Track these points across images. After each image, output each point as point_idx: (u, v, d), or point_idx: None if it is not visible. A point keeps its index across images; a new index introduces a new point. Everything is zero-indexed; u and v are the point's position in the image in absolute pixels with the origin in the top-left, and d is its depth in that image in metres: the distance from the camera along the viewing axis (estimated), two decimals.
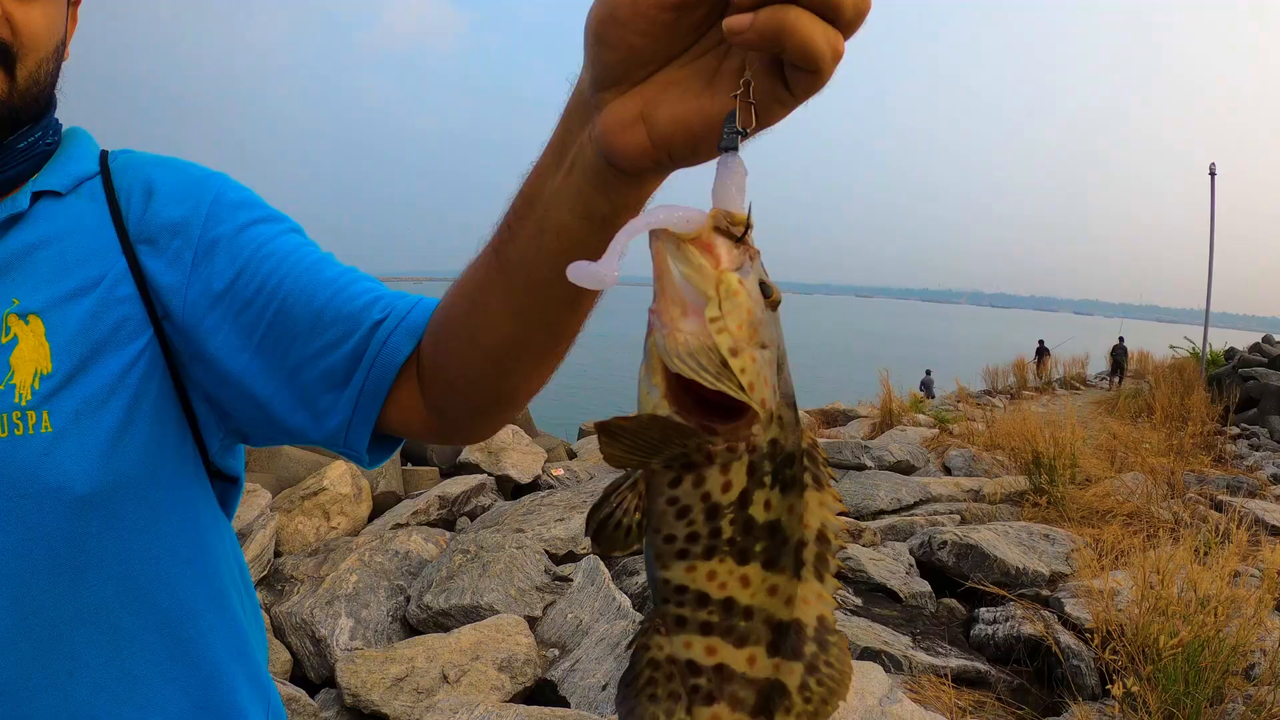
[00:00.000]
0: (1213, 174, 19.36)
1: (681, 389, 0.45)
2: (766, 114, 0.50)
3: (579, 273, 0.47)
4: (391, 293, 0.84)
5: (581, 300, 0.68)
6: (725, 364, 0.45)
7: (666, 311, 0.46)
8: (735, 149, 0.49)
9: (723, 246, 0.47)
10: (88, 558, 0.79)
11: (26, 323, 0.79)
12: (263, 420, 0.86)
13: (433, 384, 0.80)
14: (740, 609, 0.47)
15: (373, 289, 0.83)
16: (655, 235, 0.47)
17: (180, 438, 0.86)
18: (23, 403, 0.76)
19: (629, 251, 0.68)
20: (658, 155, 0.54)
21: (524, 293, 0.68)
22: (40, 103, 0.85)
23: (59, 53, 0.86)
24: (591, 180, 0.58)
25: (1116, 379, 22.01)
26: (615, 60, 0.52)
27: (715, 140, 0.52)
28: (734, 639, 0.47)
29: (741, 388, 0.45)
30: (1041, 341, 25.24)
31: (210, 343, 0.83)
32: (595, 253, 0.62)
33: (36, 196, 0.85)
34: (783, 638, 0.48)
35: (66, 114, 0.93)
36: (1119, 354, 22.70)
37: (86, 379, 0.79)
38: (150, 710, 0.83)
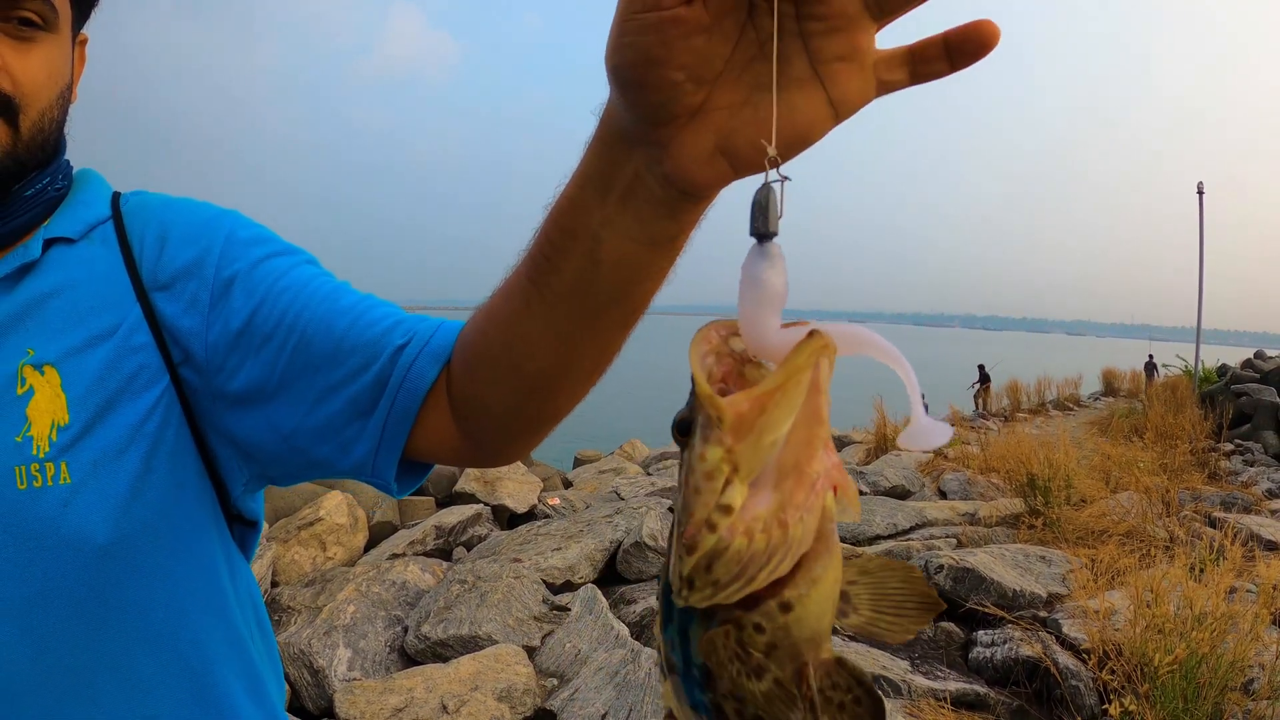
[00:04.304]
0: (1200, 192, 19.51)
1: None
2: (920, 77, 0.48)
3: (914, 440, 0.43)
4: (412, 317, 0.83)
5: (634, 318, 0.68)
6: None
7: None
8: (771, 236, 0.44)
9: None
10: (108, 606, 0.79)
11: (42, 374, 0.79)
12: (289, 453, 0.85)
13: (467, 410, 0.79)
14: None
15: (392, 314, 0.83)
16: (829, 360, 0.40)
17: (199, 484, 0.86)
18: (41, 455, 0.76)
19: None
20: (740, 177, 0.53)
21: (574, 320, 0.67)
22: (47, 149, 0.85)
23: (64, 97, 0.86)
24: (656, 210, 0.57)
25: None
26: (662, 100, 0.50)
27: (796, 150, 0.50)
28: None
29: None
30: (982, 366, 24.68)
31: (234, 381, 0.83)
32: (658, 275, 0.63)
33: (49, 244, 0.85)
34: None
35: (69, 139, 0.92)
36: (1150, 370, 24.40)
37: (104, 429, 0.79)
38: None
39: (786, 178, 0.45)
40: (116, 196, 0.93)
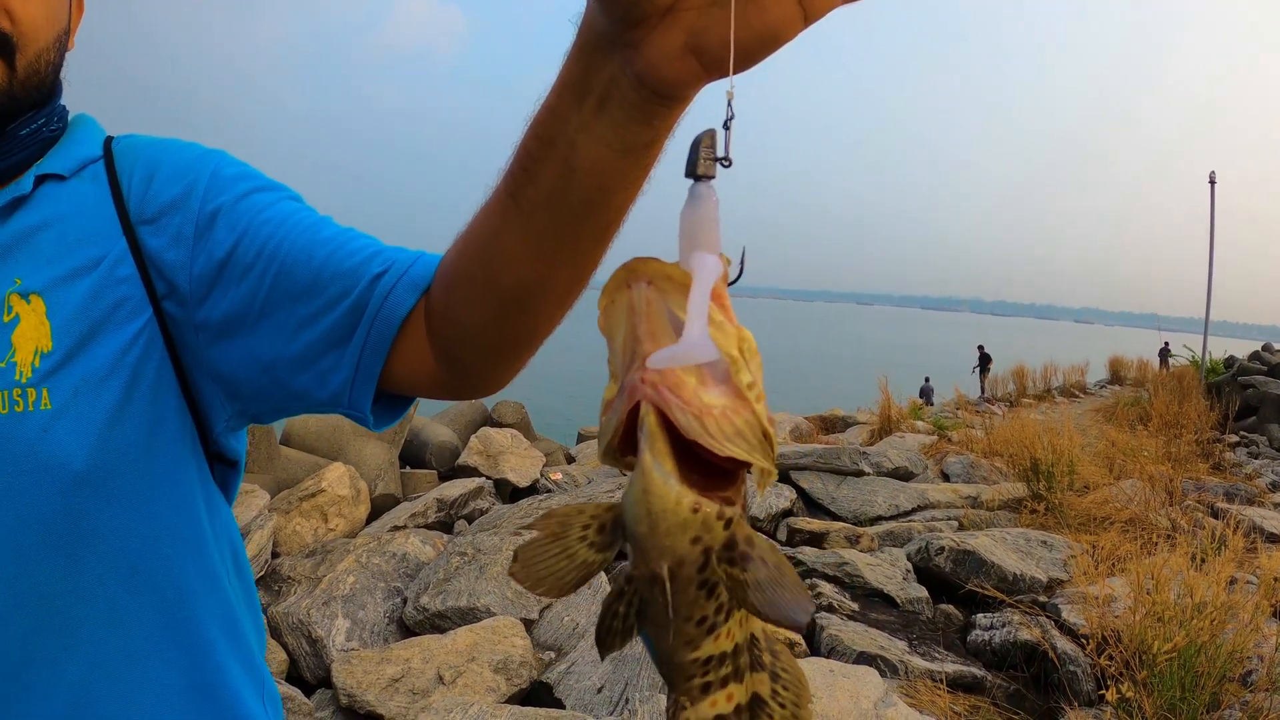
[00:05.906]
0: (1212, 182, 19.39)
1: (683, 460, 0.41)
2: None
3: (669, 358, 0.41)
4: (392, 248, 0.84)
5: (609, 232, 0.68)
6: (766, 435, 0.42)
7: (677, 382, 0.41)
8: (712, 177, 0.46)
9: (726, 296, 0.43)
10: (83, 534, 0.79)
11: (28, 302, 0.80)
12: (270, 384, 0.86)
13: (445, 331, 0.79)
14: (737, 649, 0.47)
15: (371, 245, 0.83)
16: (656, 285, 0.43)
17: (179, 418, 0.87)
18: (23, 380, 0.77)
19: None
20: (711, 78, 0.54)
21: (549, 232, 0.67)
22: (43, 90, 0.87)
23: (61, 42, 0.88)
24: (630, 113, 0.58)
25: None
26: (634, 1, 0.51)
27: (768, 50, 0.51)
28: (738, 677, 0.47)
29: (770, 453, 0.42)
30: (982, 347, 24.61)
31: (216, 311, 0.84)
32: (632, 184, 0.64)
33: (40, 180, 0.87)
34: (753, 656, 0.48)
35: (76, 107, 0.93)
36: (1164, 356, 24.78)
37: (86, 357, 0.80)
38: (145, 688, 0.84)
39: (731, 116, 0.47)
40: (109, 139, 0.95)
